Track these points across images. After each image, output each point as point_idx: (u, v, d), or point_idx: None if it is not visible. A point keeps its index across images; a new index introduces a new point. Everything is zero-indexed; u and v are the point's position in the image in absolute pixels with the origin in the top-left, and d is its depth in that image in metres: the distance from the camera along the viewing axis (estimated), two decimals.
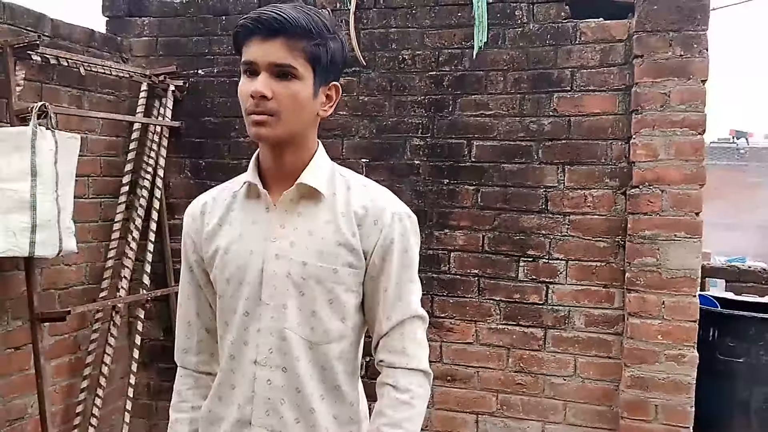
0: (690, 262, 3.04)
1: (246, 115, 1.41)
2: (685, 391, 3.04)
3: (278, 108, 1.38)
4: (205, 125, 3.79)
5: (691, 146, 3.03)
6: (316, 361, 1.47)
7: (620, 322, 3.22)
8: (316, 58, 1.40)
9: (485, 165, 3.41)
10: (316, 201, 1.48)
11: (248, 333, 1.47)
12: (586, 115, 3.27)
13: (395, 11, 3.52)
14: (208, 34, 3.78)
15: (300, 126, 1.44)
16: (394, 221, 1.48)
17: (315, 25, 1.39)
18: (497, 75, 3.38)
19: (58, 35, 3.28)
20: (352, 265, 1.46)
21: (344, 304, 1.48)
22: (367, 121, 3.56)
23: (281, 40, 1.36)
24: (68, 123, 3.28)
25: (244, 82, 1.41)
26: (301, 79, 1.39)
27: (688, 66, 3.03)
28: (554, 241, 3.32)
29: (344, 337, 1.49)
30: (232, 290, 1.49)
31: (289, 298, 1.45)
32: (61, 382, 3.40)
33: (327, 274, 1.45)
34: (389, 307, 1.48)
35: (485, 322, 3.42)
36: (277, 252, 1.46)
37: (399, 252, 1.48)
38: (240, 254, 1.48)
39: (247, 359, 1.47)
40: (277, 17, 1.35)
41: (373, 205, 1.49)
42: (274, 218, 1.48)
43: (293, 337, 1.45)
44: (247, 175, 1.52)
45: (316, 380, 1.47)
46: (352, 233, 1.46)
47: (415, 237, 1.52)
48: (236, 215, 1.52)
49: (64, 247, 2.94)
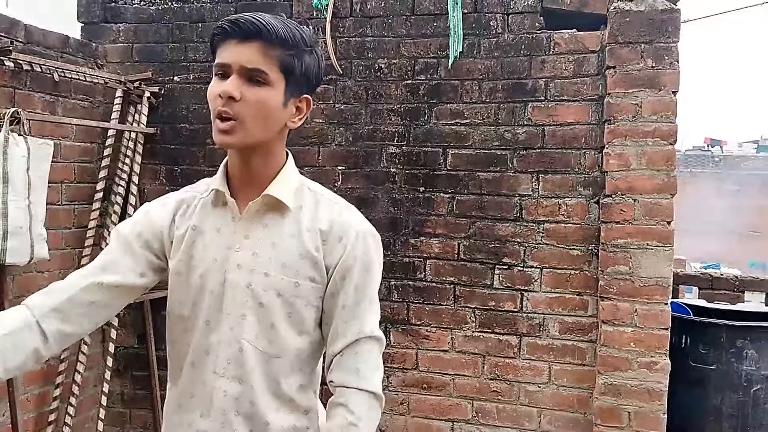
0: (662, 271, 3.08)
1: (213, 119, 1.40)
2: (657, 398, 3.07)
3: (244, 112, 1.37)
4: (181, 132, 3.78)
5: (662, 156, 3.07)
6: (271, 373, 1.45)
7: (594, 329, 3.25)
8: (289, 68, 1.40)
9: (461, 173, 3.43)
10: (282, 213, 1.47)
11: (209, 342, 1.46)
12: (560, 124, 3.30)
13: (371, 20, 3.53)
14: (183, 41, 3.77)
15: (265, 134, 1.43)
16: (359, 240, 1.47)
17: (292, 36, 1.39)
18: (472, 84, 3.41)
19: (31, 41, 3.26)
20: (313, 280, 1.46)
21: (303, 319, 1.46)
22: (344, 129, 3.57)
23: (257, 45, 1.36)
24: (42, 129, 3.25)
25: (215, 83, 1.40)
26: (272, 86, 1.39)
27: (659, 77, 3.07)
28: (529, 249, 3.35)
29: (301, 351, 1.48)
30: (194, 298, 1.48)
31: (248, 309, 1.44)
32: (33, 390, 3.36)
33: (288, 287, 1.44)
34: (345, 325, 1.45)
35: (461, 329, 3.44)
36: (239, 262, 1.45)
37: (360, 271, 1.46)
38: (204, 262, 1.48)
39: (208, 369, 1.46)
40: (255, 22, 1.36)
41: (339, 221, 1.48)
42: (239, 228, 1.47)
43: (250, 349, 1.44)
44: (215, 182, 1.51)
45: (271, 393, 1.46)
46: (316, 248, 1.45)
47: (377, 257, 1.50)
48: (202, 222, 1.51)
49: (35, 254, 2.92)
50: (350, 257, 1.46)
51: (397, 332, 3.50)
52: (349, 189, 3.53)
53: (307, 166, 3.55)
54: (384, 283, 3.42)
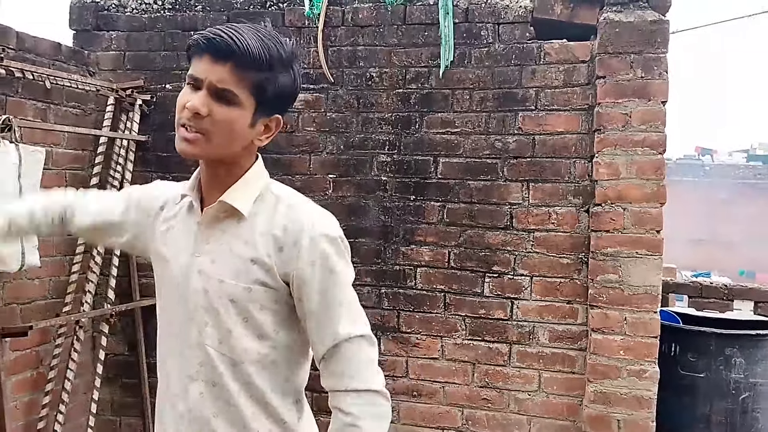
0: (651, 279, 3.10)
1: (177, 127, 1.41)
2: (646, 406, 3.09)
3: (210, 129, 1.38)
4: (172, 140, 3.71)
5: (651, 165, 3.10)
6: (241, 378, 1.46)
7: (584, 337, 3.26)
8: (261, 91, 1.39)
9: (451, 182, 3.45)
10: (238, 219, 1.47)
11: (181, 346, 1.49)
12: (550, 133, 3.32)
13: (363, 29, 3.55)
14: (176, 49, 3.77)
15: (228, 150, 1.43)
16: (313, 244, 1.43)
17: (267, 57, 1.37)
18: (463, 93, 3.43)
19: (23, 48, 3.26)
20: (265, 284, 1.44)
21: (260, 323, 1.45)
22: (335, 137, 3.58)
23: (230, 66, 1.35)
24: (33, 136, 3.25)
25: (185, 92, 1.41)
26: (240, 107, 1.38)
27: (648, 87, 3.10)
28: (519, 258, 3.37)
29: (264, 356, 1.47)
30: (167, 303, 1.53)
31: (208, 315, 1.45)
32: (22, 398, 3.35)
33: (241, 293, 1.44)
34: (320, 331, 1.44)
35: (451, 337, 3.45)
36: (200, 268, 1.47)
37: (321, 274, 1.43)
38: (174, 266, 1.51)
39: (184, 372, 1.48)
40: (230, 43, 1.34)
41: (292, 227, 1.44)
42: (200, 234, 1.49)
43: (215, 355, 1.45)
44: (185, 187, 1.55)
45: (245, 397, 1.46)
46: (268, 254, 1.44)
47: (339, 257, 1.46)
48: (176, 225, 1.55)
49: (26, 262, 2.91)
50: (307, 262, 1.43)
51: (388, 340, 3.50)
52: (340, 197, 3.53)
53: (298, 174, 3.56)
54: (374, 290, 3.44)
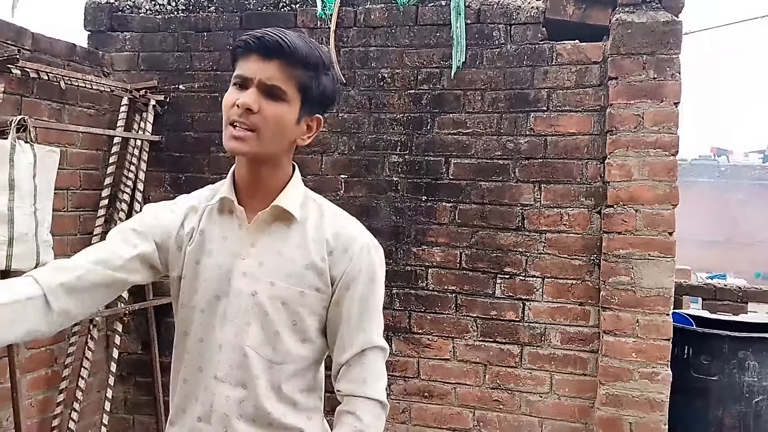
0: (663, 281, 3.08)
1: (225, 126, 1.43)
2: (658, 409, 3.07)
3: (260, 124, 1.41)
4: (186, 140, 3.80)
5: (664, 167, 3.08)
6: (274, 380, 1.48)
7: (595, 339, 3.25)
8: (306, 88, 1.44)
9: (463, 182, 3.45)
10: (288, 223, 1.50)
11: (211, 348, 1.49)
12: (562, 134, 3.31)
13: (375, 30, 3.56)
14: (189, 50, 3.80)
15: (276, 147, 1.46)
16: (363, 252, 1.50)
17: (312, 57, 1.43)
18: (475, 94, 3.43)
19: (38, 49, 3.29)
20: (319, 289, 1.49)
21: (307, 327, 1.50)
22: (347, 138, 3.59)
23: (278, 63, 1.40)
24: (48, 136, 3.28)
25: (232, 92, 1.44)
26: (288, 103, 1.43)
27: (660, 88, 3.08)
28: (531, 259, 3.36)
29: (304, 359, 1.51)
30: (198, 303, 1.51)
31: (253, 317, 1.47)
32: (37, 396, 3.38)
33: (293, 296, 1.47)
34: (351, 335, 1.50)
35: (462, 338, 3.45)
36: (245, 270, 1.48)
37: (365, 282, 1.50)
38: (209, 268, 1.50)
39: (210, 374, 1.49)
40: (278, 40, 1.39)
41: (344, 233, 1.51)
42: (245, 236, 1.50)
43: (254, 356, 1.47)
44: (224, 190, 1.53)
45: (274, 399, 1.48)
46: (321, 258, 1.48)
47: (381, 269, 1.53)
48: (208, 228, 1.53)
49: (41, 260, 2.94)
50: (355, 269, 1.49)
51: (399, 341, 3.51)
52: (352, 198, 3.54)
53: (310, 175, 3.57)
54: (386, 291, 3.40)
